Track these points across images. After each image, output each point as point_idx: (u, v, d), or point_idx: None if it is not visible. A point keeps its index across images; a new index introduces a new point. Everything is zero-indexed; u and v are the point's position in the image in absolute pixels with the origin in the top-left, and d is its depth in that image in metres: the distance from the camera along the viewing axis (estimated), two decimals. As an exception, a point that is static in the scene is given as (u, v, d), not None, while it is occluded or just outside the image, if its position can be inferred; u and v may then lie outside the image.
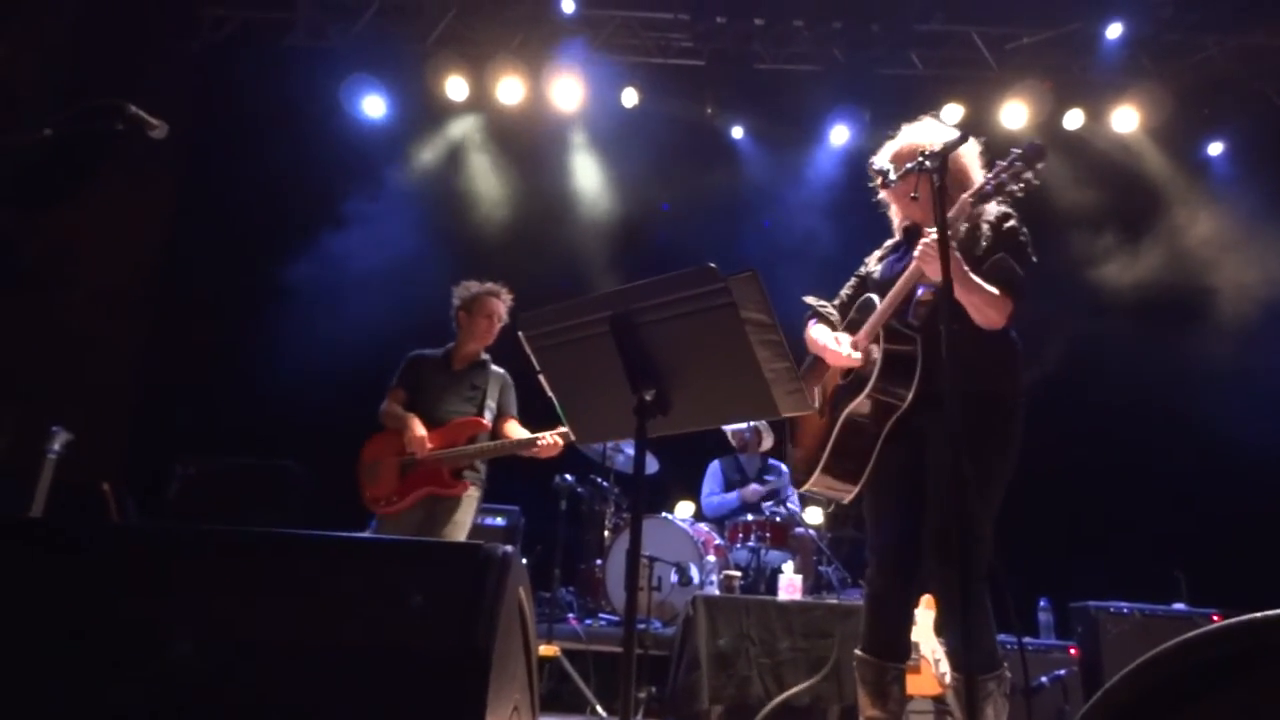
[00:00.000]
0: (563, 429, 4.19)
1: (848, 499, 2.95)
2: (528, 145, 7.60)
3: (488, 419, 4.40)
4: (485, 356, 4.57)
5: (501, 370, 4.58)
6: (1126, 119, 7.26)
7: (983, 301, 2.66)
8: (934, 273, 2.59)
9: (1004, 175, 2.56)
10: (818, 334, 3.06)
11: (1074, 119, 7.31)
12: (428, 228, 7.32)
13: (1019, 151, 2.53)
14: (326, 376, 6.19)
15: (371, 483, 4.29)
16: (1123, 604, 5.13)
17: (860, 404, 2.83)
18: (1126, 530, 6.58)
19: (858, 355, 2.89)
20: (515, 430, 4.43)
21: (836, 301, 3.20)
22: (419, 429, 4.24)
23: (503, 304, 4.57)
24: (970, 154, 2.90)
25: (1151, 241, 7.18)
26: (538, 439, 4.20)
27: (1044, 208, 7.35)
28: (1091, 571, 6.13)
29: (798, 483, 3.07)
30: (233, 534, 1.67)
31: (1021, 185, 2.56)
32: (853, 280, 3.18)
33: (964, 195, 2.64)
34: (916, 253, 2.68)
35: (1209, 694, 1.06)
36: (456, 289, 4.63)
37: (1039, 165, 2.51)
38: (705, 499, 6.71)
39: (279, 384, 6.32)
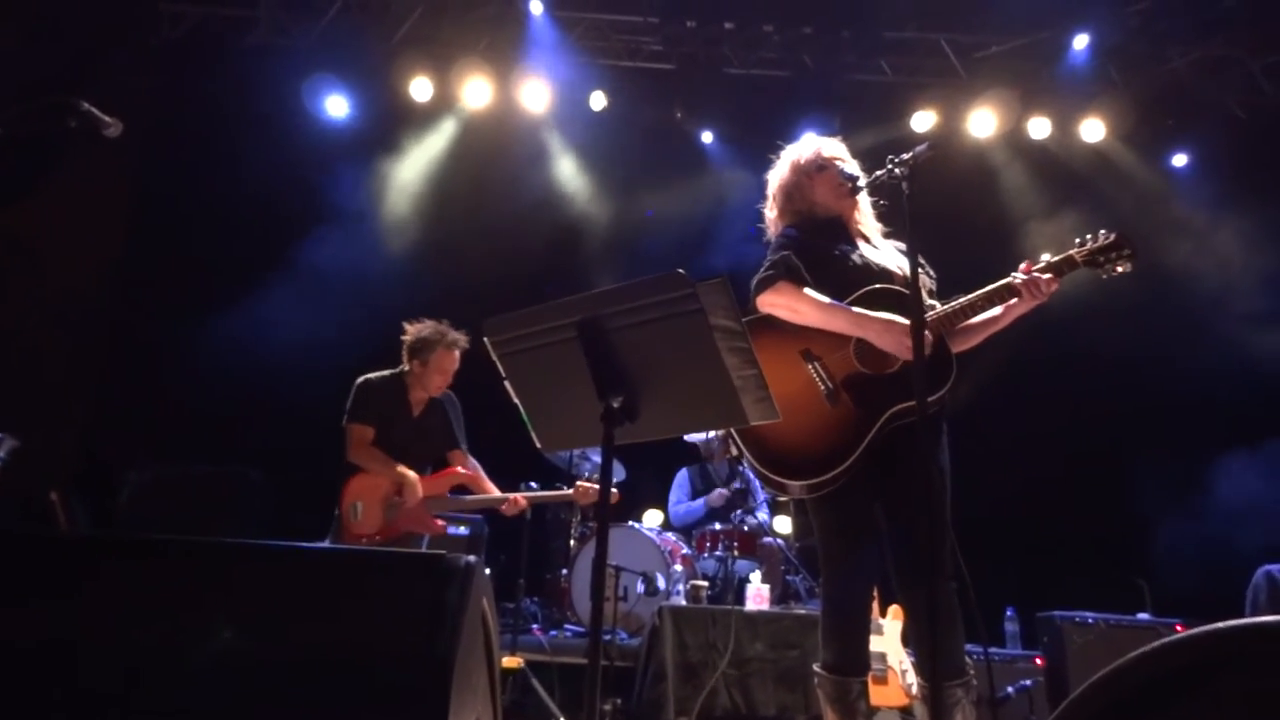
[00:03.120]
0: (529, 493, 4.54)
1: (795, 497, 2.97)
2: (494, 148, 7.57)
3: (468, 464, 4.54)
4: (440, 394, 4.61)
5: (449, 394, 4.64)
6: (1093, 129, 7.38)
7: (986, 337, 2.93)
8: (1023, 309, 2.84)
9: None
10: (858, 310, 2.82)
11: (1040, 127, 7.42)
12: (392, 231, 7.28)
13: (906, 156, 2.60)
14: (289, 382, 6.13)
15: (356, 523, 4.36)
16: (1088, 614, 5.19)
17: (905, 402, 2.74)
18: (1091, 539, 6.68)
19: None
20: (480, 476, 4.58)
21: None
22: (419, 490, 4.34)
23: (458, 355, 4.49)
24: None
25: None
26: (506, 500, 4.44)
27: (1005, 216, 7.48)
28: (1057, 581, 6.21)
29: (788, 485, 2.86)
30: (181, 543, 1.65)
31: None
32: (780, 256, 2.94)
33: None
34: (1022, 280, 2.80)
35: (1173, 704, 1.07)
36: (409, 327, 4.52)
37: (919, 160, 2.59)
38: (673, 508, 6.72)
39: (239, 389, 6.25)
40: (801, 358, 2.90)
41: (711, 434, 6.54)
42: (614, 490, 4.61)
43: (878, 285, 2.88)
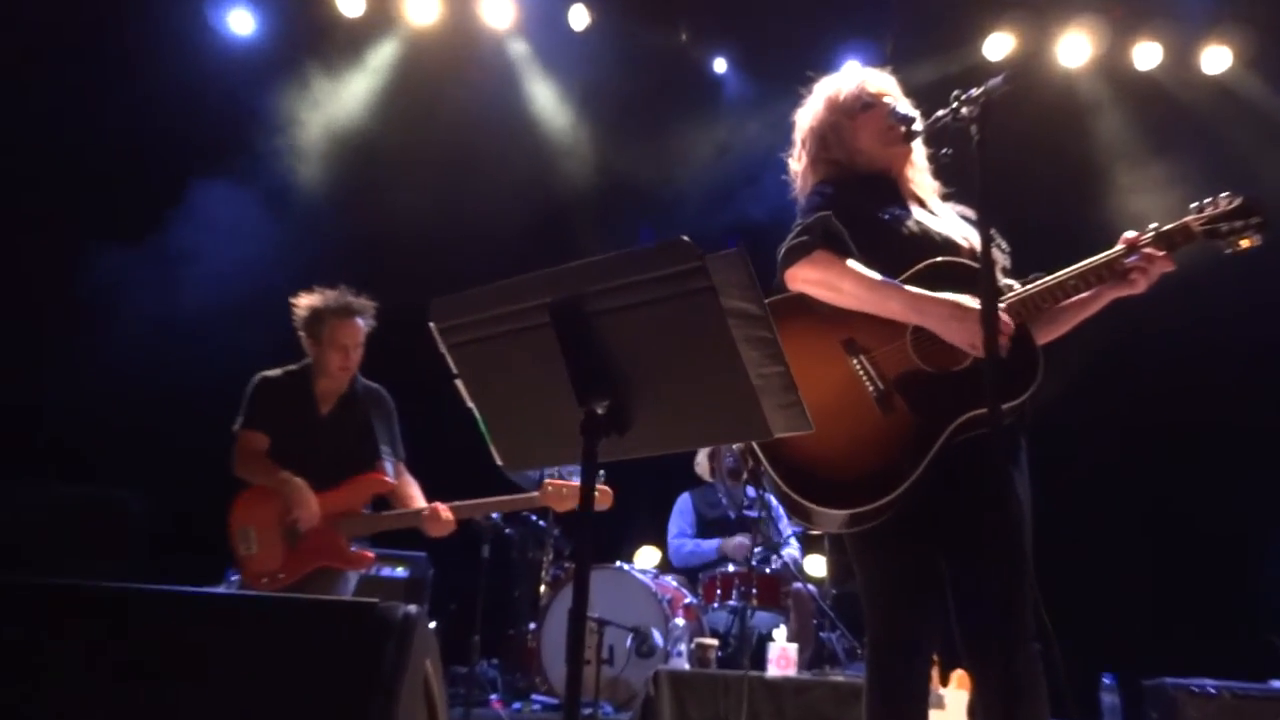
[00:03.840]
0: (465, 503, 4.44)
1: (829, 530, 2.97)
2: (445, 77, 7.55)
3: (389, 470, 4.48)
4: (354, 384, 4.57)
5: (375, 388, 4.62)
6: (1217, 58, 7.38)
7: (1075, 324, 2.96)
8: (1122, 292, 2.85)
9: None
10: (916, 291, 2.78)
11: (1147, 55, 7.42)
12: (310, 189, 7.26)
13: (976, 92, 2.55)
14: (175, 386, 6.13)
15: (249, 554, 4.33)
16: (1208, 681, 5.21)
17: (977, 409, 2.71)
18: (1212, 590, 6.70)
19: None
20: (411, 489, 4.55)
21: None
22: (311, 500, 4.26)
23: (362, 325, 4.49)
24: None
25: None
26: (425, 511, 4.37)
27: (1096, 169, 7.49)
28: (1168, 642, 6.23)
29: (823, 515, 2.83)
30: (19, 587, 1.64)
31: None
32: (816, 218, 2.90)
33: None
34: (1130, 260, 2.79)
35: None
36: (296, 303, 4.53)
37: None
38: (673, 542, 6.72)
39: (113, 397, 6.25)
40: (844, 349, 2.87)
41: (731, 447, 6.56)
42: (603, 489, 4.52)
43: (941, 259, 2.86)
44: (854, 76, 3.17)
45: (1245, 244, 2.78)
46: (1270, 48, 7.30)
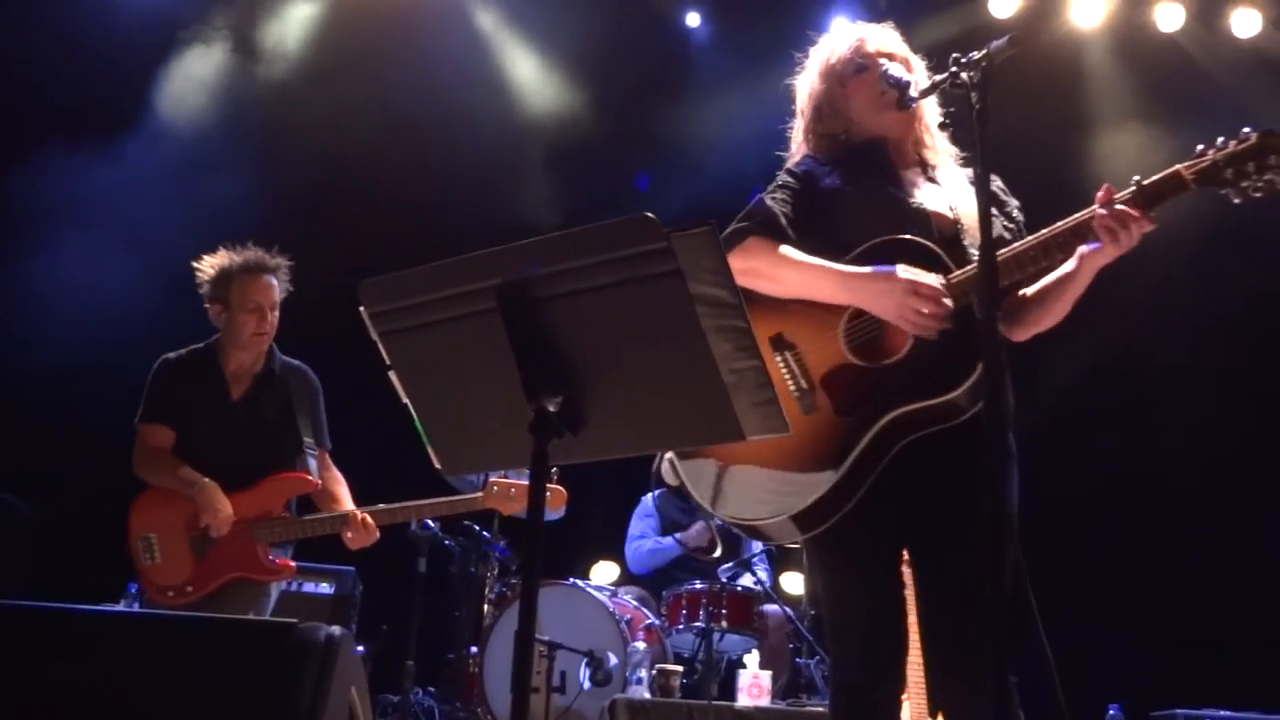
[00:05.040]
0: (393, 506, 4.39)
1: (790, 543, 3.00)
2: (380, 37, 7.50)
3: (312, 466, 4.42)
4: (271, 359, 4.51)
5: (297, 366, 4.58)
6: (1247, 21, 7.45)
7: (1069, 308, 2.87)
8: (1105, 258, 2.73)
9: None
10: (845, 268, 2.82)
11: (1170, 16, 7.48)
12: (217, 161, 7.19)
13: (977, 55, 2.52)
14: (62, 373, 6.08)
15: (152, 565, 4.27)
16: (1223, 711, 5.28)
17: (923, 402, 2.72)
18: (1225, 612, 6.79)
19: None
20: (338, 488, 4.51)
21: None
22: (223, 503, 4.20)
23: (277, 282, 4.45)
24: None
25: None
26: (348, 518, 4.31)
27: (1108, 139, 7.55)
28: (1178, 669, 6.30)
29: (748, 510, 2.90)
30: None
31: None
32: (785, 195, 3.02)
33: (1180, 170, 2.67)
34: (1098, 217, 2.68)
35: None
36: (198, 268, 4.47)
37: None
38: (632, 545, 6.72)
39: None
40: (770, 346, 2.90)
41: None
42: (556, 489, 4.55)
43: (890, 237, 2.86)
44: (850, 35, 3.18)
45: (1264, 183, 2.60)
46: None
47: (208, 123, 7.34)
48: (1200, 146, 2.68)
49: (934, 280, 2.70)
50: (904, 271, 2.71)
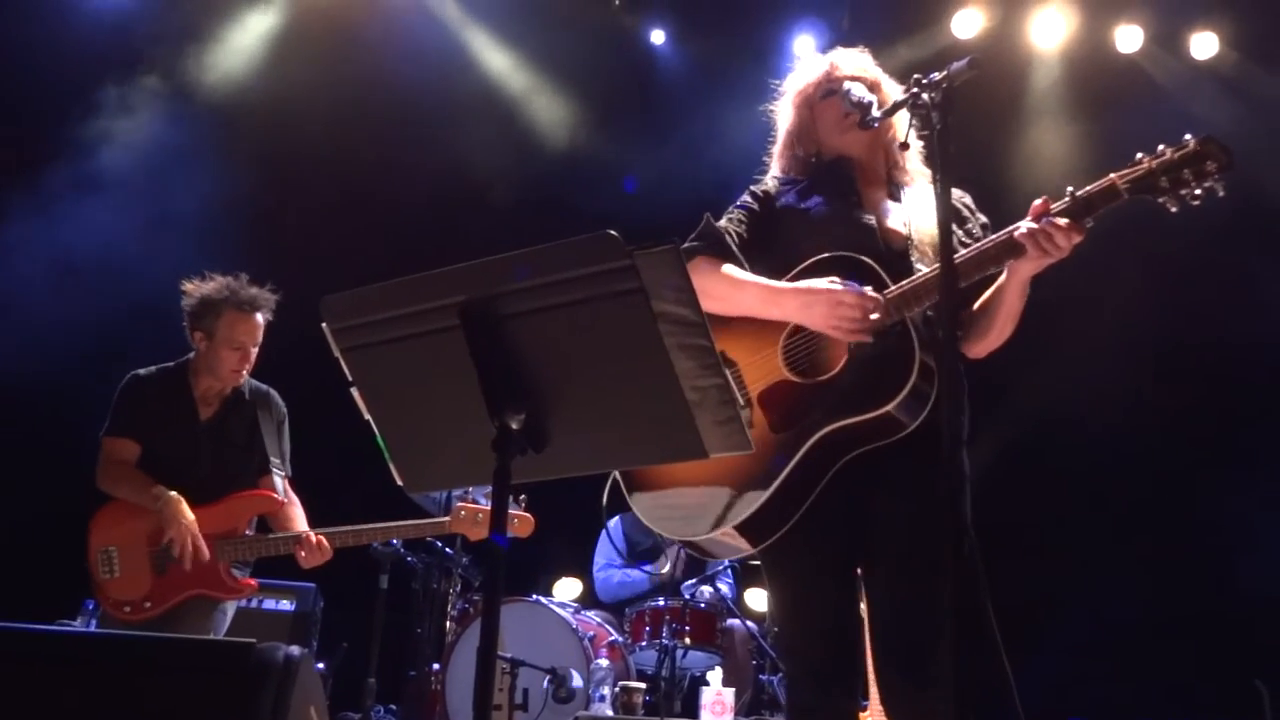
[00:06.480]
0: (353, 529, 4.39)
1: (739, 558, 3.02)
2: (345, 45, 7.49)
3: (279, 486, 4.43)
4: (240, 383, 4.51)
5: (264, 389, 4.58)
6: (1205, 44, 7.53)
7: (1015, 319, 2.89)
8: (1030, 269, 2.76)
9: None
10: (771, 284, 2.91)
11: (1129, 38, 7.56)
12: (188, 169, 7.15)
13: (938, 76, 2.55)
14: (19, 375, 6.03)
15: (110, 579, 4.23)
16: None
17: (854, 417, 2.75)
18: (1185, 628, 6.84)
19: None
20: (292, 509, 4.49)
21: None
22: (187, 516, 4.18)
23: (261, 321, 4.43)
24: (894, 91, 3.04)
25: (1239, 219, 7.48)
26: (301, 539, 4.29)
27: (1067, 158, 7.63)
28: (1142, 684, 6.34)
29: (684, 529, 2.95)
30: None
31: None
32: (741, 215, 3.13)
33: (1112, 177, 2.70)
34: (1026, 230, 2.71)
35: None
36: (186, 289, 4.44)
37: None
38: (599, 574, 6.71)
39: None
40: None
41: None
42: (523, 516, 4.61)
43: (837, 254, 2.91)
44: (822, 62, 3.26)
45: (1201, 192, 2.62)
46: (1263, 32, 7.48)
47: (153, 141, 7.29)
48: (1139, 155, 2.70)
49: (862, 291, 2.75)
50: (830, 283, 2.77)
